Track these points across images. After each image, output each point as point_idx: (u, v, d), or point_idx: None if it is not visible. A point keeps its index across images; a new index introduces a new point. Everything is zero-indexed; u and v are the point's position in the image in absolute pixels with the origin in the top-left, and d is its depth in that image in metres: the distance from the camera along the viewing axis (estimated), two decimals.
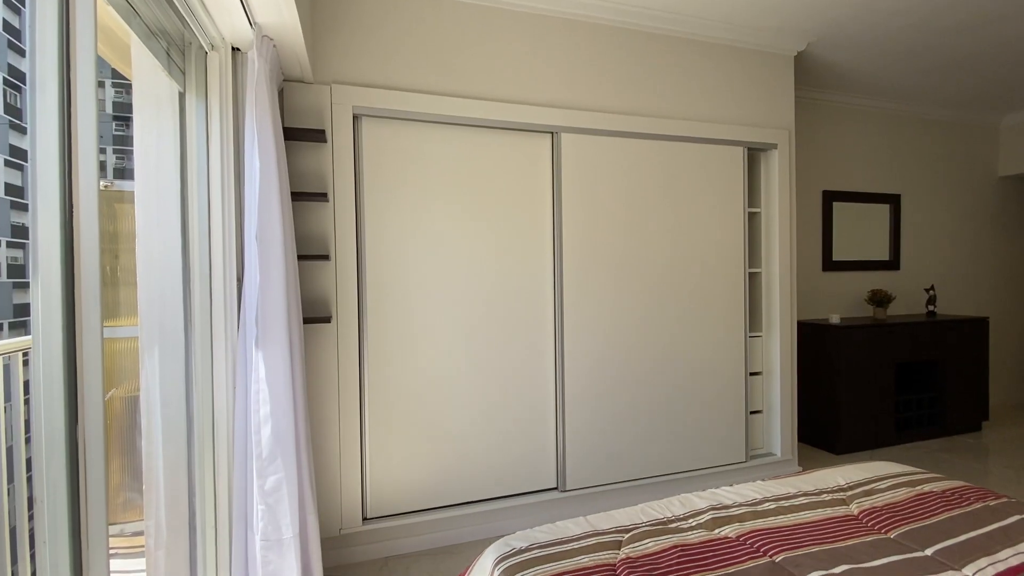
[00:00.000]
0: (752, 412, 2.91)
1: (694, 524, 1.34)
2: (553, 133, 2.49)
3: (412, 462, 2.26)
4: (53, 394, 0.93)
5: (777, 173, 2.91)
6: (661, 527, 1.32)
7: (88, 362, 0.98)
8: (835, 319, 3.44)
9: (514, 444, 2.43)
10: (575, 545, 1.23)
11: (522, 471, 2.45)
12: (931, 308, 3.83)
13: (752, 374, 2.92)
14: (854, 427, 3.28)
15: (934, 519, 1.34)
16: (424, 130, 2.28)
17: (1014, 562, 1.15)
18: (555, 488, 2.53)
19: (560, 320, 2.47)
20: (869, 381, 3.32)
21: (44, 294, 0.92)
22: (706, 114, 2.75)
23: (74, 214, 0.95)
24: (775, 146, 2.89)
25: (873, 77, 3.43)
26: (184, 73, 1.59)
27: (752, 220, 2.98)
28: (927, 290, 3.85)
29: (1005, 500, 1.45)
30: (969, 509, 1.39)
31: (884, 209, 3.94)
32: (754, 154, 2.97)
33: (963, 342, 3.63)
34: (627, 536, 1.27)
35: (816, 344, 3.35)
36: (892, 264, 3.95)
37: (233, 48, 1.69)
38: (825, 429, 3.33)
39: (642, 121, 2.59)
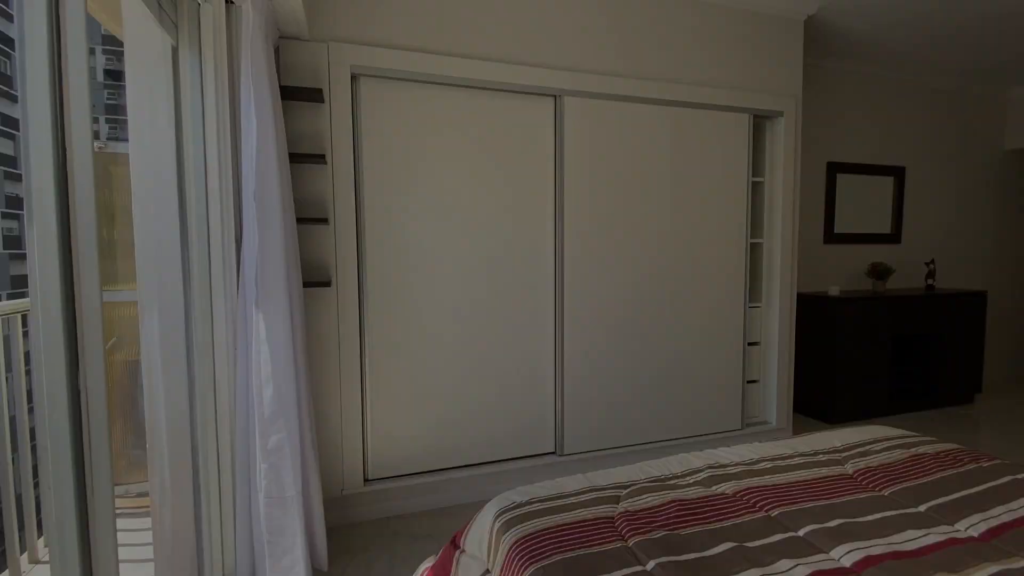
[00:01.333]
0: (749, 382, 2.94)
1: (692, 481, 1.36)
2: (556, 96, 2.44)
3: (412, 425, 2.29)
4: (53, 349, 0.92)
5: (783, 142, 2.87)
6: (659, 483, 1.34)
7: (87, 316, 0.97)
8: (834, 291, 3.45)
9: (513, 408, 2.46)
10: (574, 499, 1.25)
11: (521, 435, 2.49)
12: (930, 282, 3.84)
13: (750, 344, 2.94)
14: (849, 397, 3.32)
15: (928, 478, 1.36)
16: (424, 91, 2.23)
17: (1007, 519, 1.18)
18: (553, 452, 2.56)
19: (561, 285, 2.47)
20: (866, 353, 3.34)
21: (41, 253, 0.91)
22: (712, 79, 2.70)
23: (68, 171, 0.94)
24: (781, 114, 2.84)
25: (881, 45, 3.35)
26: (176, 26, 1.54)
27: (755, 190, 2.95)
28: (927, 264, 3.85)
29: (998, 462, 1.48)
30: (963, 470, 1.41)
31: (888, 181, 3.91)
32: (759, 122, 2.92)
33: (960, 316, 3.65)
34: (625, 492, 1.30)
35: (815, 316, 3.36)
36: (894, 237, 3.94)
37: (227, 0, 1.63)
38: (820, 399, 3.37)
39: (646, 85, 2.54)
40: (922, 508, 1.23)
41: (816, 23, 3.02)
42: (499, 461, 2.45)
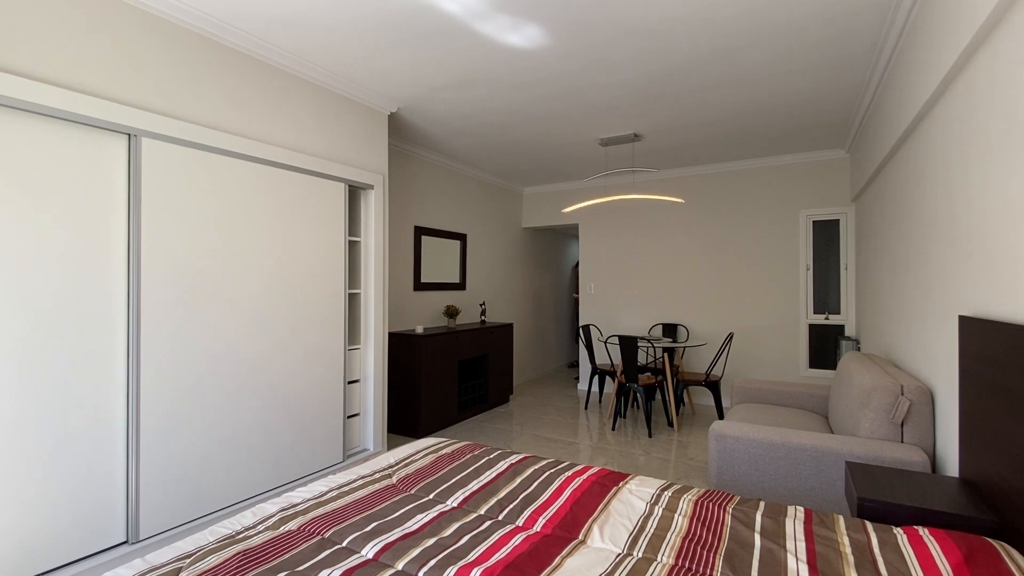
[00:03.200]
0: (350, 416, 3.33)
1: (262, 528, 1.51)
2: (131, 135, 2.22)
3: None
4: None
5: (373, 210, 3.46)
6: (228, 540, 1.43)
7: None
8: (420, 329, 4.31)
9: (58, 505, 2.00)
10: None
11: (71, 534, 2.04)
12: (483, 318, 5.29)
13: (351, 382, 3.34)
14: (431, 412, 4.19)
15: (440, 472, 1.96)
16: None
17: (475, 487, 1.84)
18: (125, 542, 2.21)
19: (136, 346, 2.20)
20: (441, 375, 4.31)
21: None
22: (311, 148, 3.01)
23: None
24: (372, 187, 3.43)
25: (448, 144, 4.51)
26: None
27: (353, 248, 3.42)
28: (481, 304, 5.30)
29: (486, 448, 2.26)
30: (463, 459, 2.10)
31: (456, 244, 5.20)
32: (355, 191, 3.43)
33: (500, 341, 5.18)
34: (189, 561, 1.33)
35: (405, 350, 4.11)
36: (461, 285, 5.24)
37: None
38: (410, 418, 4.12)
39: (244, 143, 2.61)
40: (431, 496, 1.78)
41: (399, 119, 3.81)
42: None
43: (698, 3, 2.30)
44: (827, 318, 4.76)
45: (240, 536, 1.47)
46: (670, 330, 5.35)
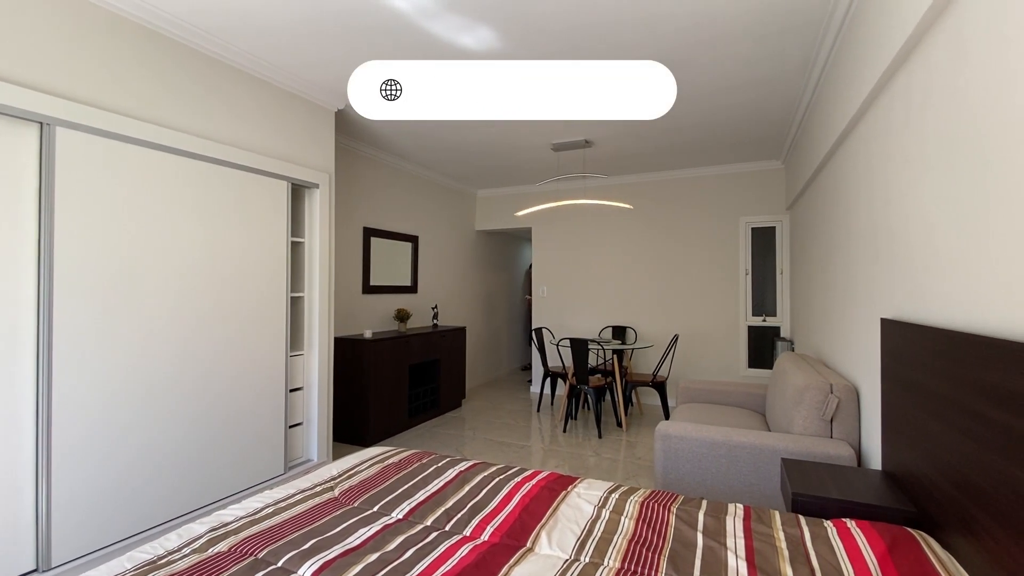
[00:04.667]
0: (293, 425, 3.18)
1: (188, 552, 1.40)
2: (43, 124, 2.02)
3: None
4: None
5: (319, 210, 3.32)
6: (148, 567, 1.31)
7: None
8: (368, 334, 4.18)
9: None
10: None
11: None
12: (435, 322, 5.21)
13: (293, 390, 3.19)
14: (379, 420, 4.08)
15: (387, 483, 1.90)
16: None
17: (422, 498, 1.79)
18: (34, 571, 2.01)
19: (47, 352, 2.00)
20: (391, 381, 4.20)
21: None
22: (251, 145, 2.86)
23: None
24: (317, 186, 3.30)
25: (399, 144, 4.42)
26: None
27: (296, 249, 3.28)
28: (433, 308, 5.22)
29: (434, 456, 2.21)
30: (410, 469, 2.04)
31: (408, 246, 5.09)
32: (298, 190, 3.28)
33: (453, 344, 5.12)
34: None
35: (352, 355, 3.97)
36: (412, 288, 5.15)
37: None
38: (358, 425, 3.99)
39: (178, 136, 2.44)
40: (375, 508, 1.71)
41: (347, 116, 3.69)
42: None
43: (646, 7, 2.36)
44: (764, 320, 5.02)
45: (162, 561, 1.35)
46: (619, 332, 5.46)
